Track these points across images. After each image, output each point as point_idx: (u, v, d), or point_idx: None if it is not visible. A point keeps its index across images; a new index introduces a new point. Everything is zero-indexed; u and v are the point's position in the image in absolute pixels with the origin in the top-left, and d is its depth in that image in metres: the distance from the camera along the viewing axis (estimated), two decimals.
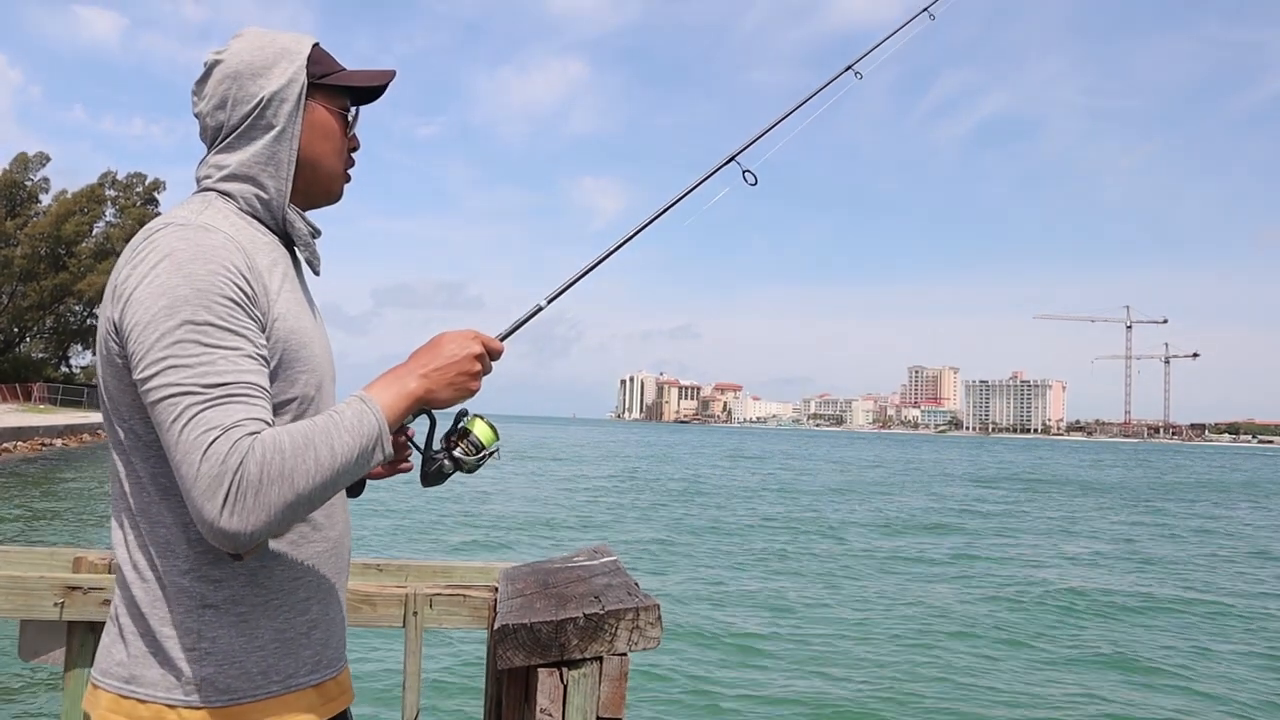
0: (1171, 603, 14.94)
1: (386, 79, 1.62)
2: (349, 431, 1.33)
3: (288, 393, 1.44)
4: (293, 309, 1.47)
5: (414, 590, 2.23)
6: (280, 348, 1.42)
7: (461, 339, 1.53)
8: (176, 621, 1.37)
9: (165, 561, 1.38)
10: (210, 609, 1.38)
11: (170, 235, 1.36)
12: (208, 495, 1.21)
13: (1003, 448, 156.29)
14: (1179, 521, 30.05)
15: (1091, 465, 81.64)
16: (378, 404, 1.40)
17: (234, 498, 1.21)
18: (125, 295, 1.33)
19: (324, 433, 1.31)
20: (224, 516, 1.21)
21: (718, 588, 14.79)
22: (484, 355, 1.55)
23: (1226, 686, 10.01)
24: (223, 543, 1.23)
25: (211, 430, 1.23)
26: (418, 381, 1.46)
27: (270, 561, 1.44)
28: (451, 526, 21.06)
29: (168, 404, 1.25)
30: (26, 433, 38.45)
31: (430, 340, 1.54)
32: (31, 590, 2.11)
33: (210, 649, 1.37)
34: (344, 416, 1.35)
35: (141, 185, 69.00)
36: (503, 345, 1.63)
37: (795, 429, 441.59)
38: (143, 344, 1.29)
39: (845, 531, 23.53)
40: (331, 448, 1.30)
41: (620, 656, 1.71)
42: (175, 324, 1.28)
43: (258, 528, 1.23)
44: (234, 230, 1.42)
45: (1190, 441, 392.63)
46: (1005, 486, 46.16)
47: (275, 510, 1.24)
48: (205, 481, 1.21)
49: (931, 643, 11.41)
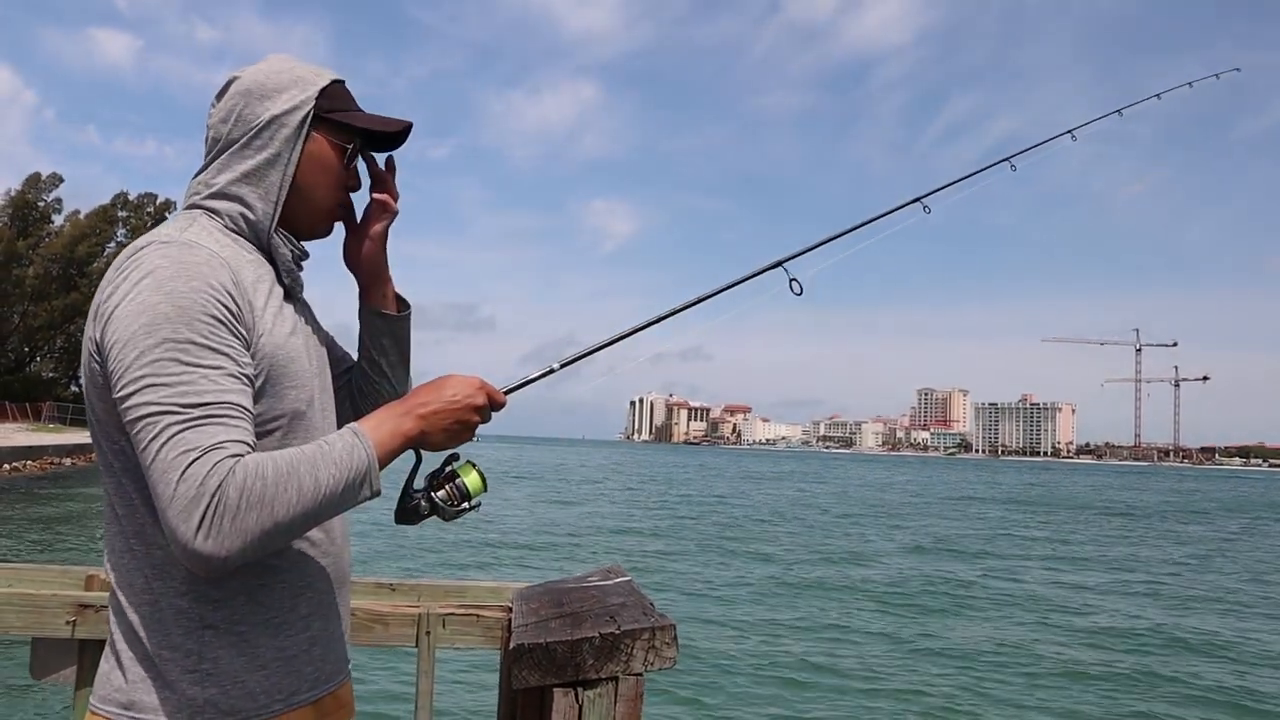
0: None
1: (398, 127, 1.60)
2: (336, 464, 1.31)
3: (276, 409, 1.42)
4: (279, 326, 1.45)
5: (427, 610, 2.22)
6: (267, 364, 1.40)
7: (466, 386, 1.52)
8: (176, 643, 1.35)
9: (162, 583, 1.35)
10: (210, 629, 1.36)
11: (153, 253, 1.34)
12: (183, 517, 1.19)
13: (1018, 470, 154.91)
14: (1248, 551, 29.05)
15: (1128, 488, 79.67)
16: (370, 440, 1.38)
17: (210, 521, 1.19)
18: (107, 314, 1.31)
19: (310, 462, 1.29)
20: (198, 539, 1.18)
21: (732, 609, 14.72)
22: (485, 406, 1.54)
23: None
24: (195, 566, 1.21)
25: (190, 451, 1.21)
26: (414, 422, 1.45)
27: (270, 580, 1.42)
28: (463, 546, 21.02)
29: (146, 423, 1.23)
30: (36, 451, 38.59)
31: (434, 380, 1.53)
32: (44, 608, 2.10)
33: (211, 670, 1.35)
34: (334, 448, 1.33)
35: (152, 205, 69.50)
36: (505, 399, 1.60)
37: (805, 451, 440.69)
38: (122, 362, 1.26)
39: (880, 557, 23.40)
40: (315, 478, 1.28)
41: (636, 677, 1.69)
42: (155, 342, 1.26)
43: (232, 553, 1.20)
44: (218, 247, 1.40)
45: (1201, 465, 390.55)
46: (1044, 510, 45.85)
47: (251, 537, 1.21)
48: (181, 503, 1.19)
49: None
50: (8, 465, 35.31)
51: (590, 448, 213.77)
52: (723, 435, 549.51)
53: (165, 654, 1.34)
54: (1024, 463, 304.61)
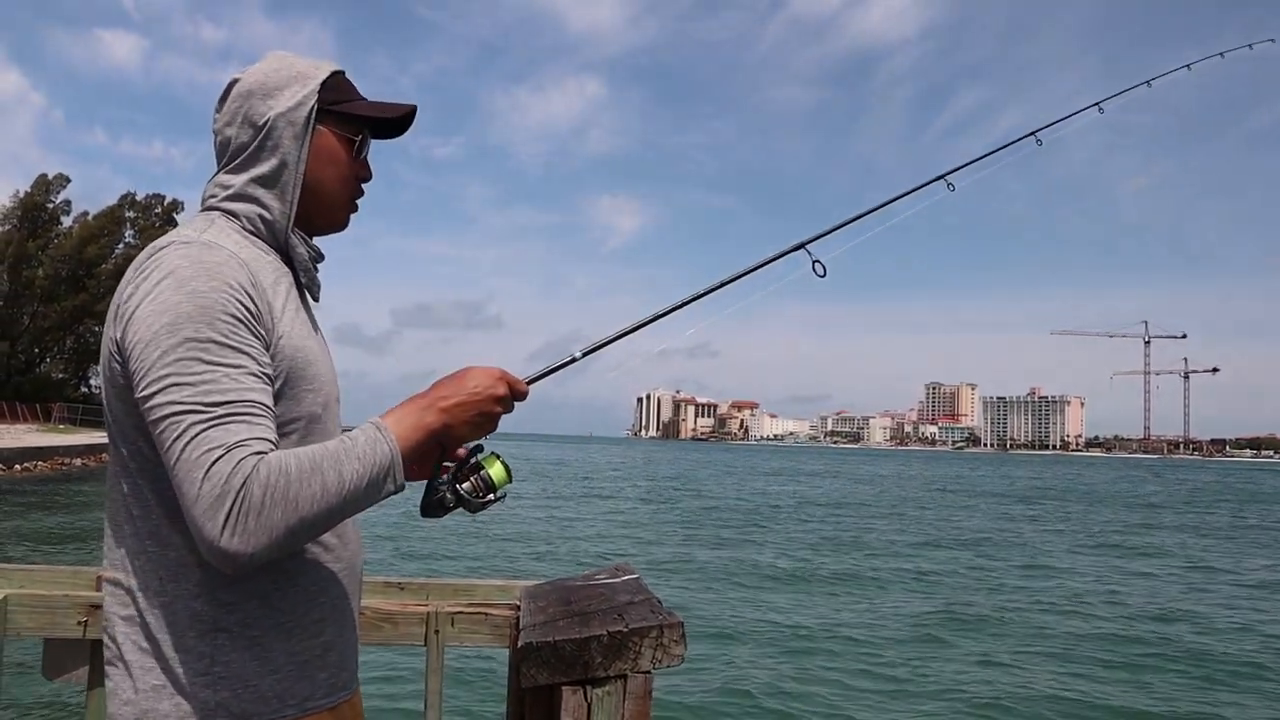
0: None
1: (402, 111, 1.60)
2: (360, 459, 1.31)
3: (293, 412, 1.42)
4: (297, 328, 1.46)
5: (436, 608, 2.23)
6: (285, 366, 1.40)
7: (487, 377, 1.51)
8: (188, 646, 1.34)
9: (176, 584, 1.35)
10: (223, 633, 1.36)
11: (173, 253, 1.35)
12: (209, 515, 1.19)
13: (1031, 465, 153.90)
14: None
15: (1148, 481, 78.36)
16: (393, 434, 1.38)
17: (235, 519, 1.19)
18: (128, 314, 1.32)
19: (333, 458, 1.29)
20: (224, 537, 1.19)
21: (743, 605, 14.71)
22: (507, 397, 1.53)
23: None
24: (222, 563, 1.22)
25: (214, 449, 1.21)
26: (436, 415, 1.44)
27: (284, 583, 1.42)
28: (471, 544, 21.04)
29: (169, 422, 1.24)
30: (47, 452, 38.70)
31: (456, 373, 1.52)
32: (55, 608, 2.11)
33: (224, 673, 1.35)
34: (356, 443, 1.33)
35: (160, 206, 69.77)
36: (528, 388, 1.59)
37: (812, 446, 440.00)
38: (144, 362, 1.27)
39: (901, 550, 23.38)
40: (340, 474, 1.28)
41: (644, 675, 1.69)
42: (177, 341, 1.26)
43: (258, 550, 1.21)
44: (237, 248, 1.40)
45: (1211, 457, 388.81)
46: (1072, 503, 45.65)
47: (277, 534, 1.22)
48: (207, 501, 1.19)
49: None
50: (18, 466, 35.42)
51: (597, 445, 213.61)
52: (730, 431, 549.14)
53: (178, 656, 1.34)
54: (1034, 456, 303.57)
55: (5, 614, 2.12)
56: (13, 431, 48.62)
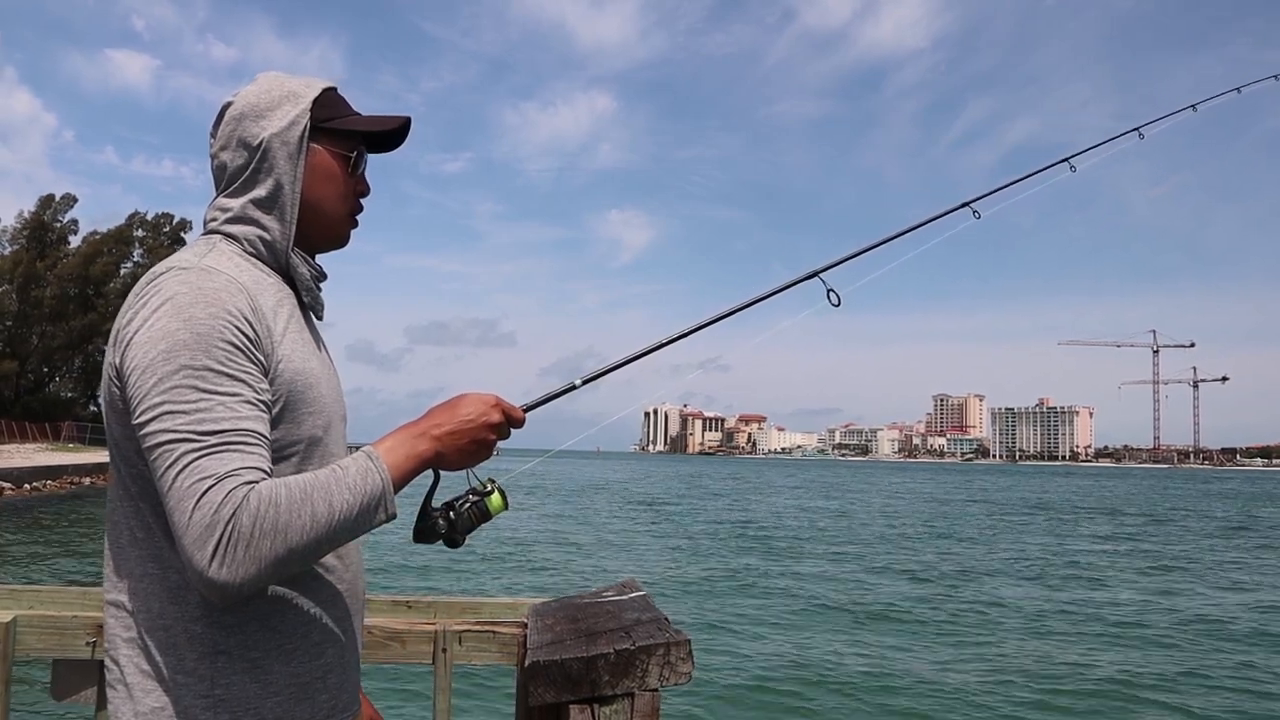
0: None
1: (396, 124, 1.59)
2: (350, 489, 1.31)
3: (294, 435, 1.42)
4: (299, 350, 1.45)
5: (443, 627, 2.23)
6: (286, 390, 1.40)
7: (481, 404, 1.50)
8: (189, 668, 1.34)
9: (177, 607, 1.35)
10: (223, 655, 1.35)
11: (172, 279, 1.34)
12: (198, 544, 1.19)
13: (1042, 476, 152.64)
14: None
15: (1209, 497, 74.72)
16: (385, 463, 1.37)
17: (224, 549, 1.19)
18: (126, 340, 1.32)
19: (324, 488, 1.29)
20: (213, 567, 1.19)
21: (756, 625, 14.65)
22: (502, 424, 1.52)
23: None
24: (210, 593, 1.21)
25: (206, 479, 1.21)
26: (429, 444, 1.44)
27: (284, 606, 1.41)
28: (477, 562, 21.01)
29: (163, 450, 1.24)
30: (57, 471, 38.88)
31: (450, 400, 1.52)
32: (64, 629, 2.12)
33: (224, 695, 1.34)
34: (348, 473, 1.33)
35: (169, 225, 70.06)
36: (524, 416, 1.58)
37: (821, 459, 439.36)
38: (140, 389, 1.27)
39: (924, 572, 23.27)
40: (330, 504, 1.28)
41: (652, 692, 1.69)
42: (173, 369, 1.26)
43: (246, 580, 1.20)
44: (237, 272, 1.40)
45: (1222, 466, 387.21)
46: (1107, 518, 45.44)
47: (266, 564, 1.21)
48: (196, 530, 1.19)
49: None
50: (28, 485, 35.54)
51: (604, 461, 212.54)
52: (738, 445, 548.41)
53: (178, 679, 1.34)
54: (1044, 467, 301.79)
55: (14, 635, 2.13)
56: (23, 450, 48.83)
